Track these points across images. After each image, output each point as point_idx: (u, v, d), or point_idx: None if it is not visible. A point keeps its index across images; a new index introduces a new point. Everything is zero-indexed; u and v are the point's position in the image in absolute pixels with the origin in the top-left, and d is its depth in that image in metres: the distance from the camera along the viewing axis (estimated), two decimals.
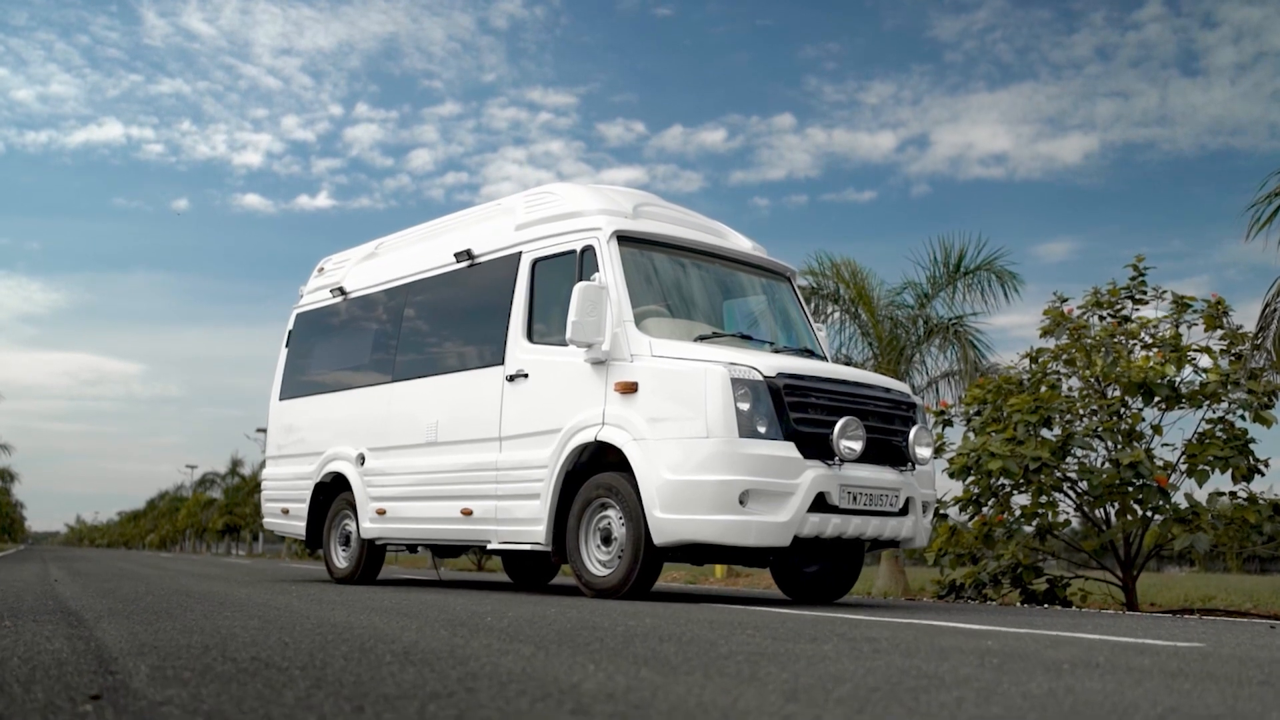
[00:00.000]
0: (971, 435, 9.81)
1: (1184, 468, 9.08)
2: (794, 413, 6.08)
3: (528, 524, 6.83)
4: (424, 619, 4.54)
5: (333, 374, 9.22)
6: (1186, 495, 8.91)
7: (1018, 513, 9.44)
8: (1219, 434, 8.97)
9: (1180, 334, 9.40)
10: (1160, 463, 9.09)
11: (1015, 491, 9.55)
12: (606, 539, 6.48)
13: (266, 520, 9.78)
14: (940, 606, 7.45)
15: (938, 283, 13.75)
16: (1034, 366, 9.90)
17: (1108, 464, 9.20)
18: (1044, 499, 9.31)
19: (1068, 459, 9.22)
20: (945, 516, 9.79)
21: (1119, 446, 9.15)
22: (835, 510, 6.11)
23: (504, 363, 7.23)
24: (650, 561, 6.20)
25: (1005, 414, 9.40)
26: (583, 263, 6.89)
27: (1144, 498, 8.70)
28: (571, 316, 6.40)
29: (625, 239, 6.89)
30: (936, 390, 13.99)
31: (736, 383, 5.95)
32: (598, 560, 6.51)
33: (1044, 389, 9.55)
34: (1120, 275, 9.82)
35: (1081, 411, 9.47)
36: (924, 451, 6.67)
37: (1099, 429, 9.17)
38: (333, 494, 8.88)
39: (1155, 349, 9.34)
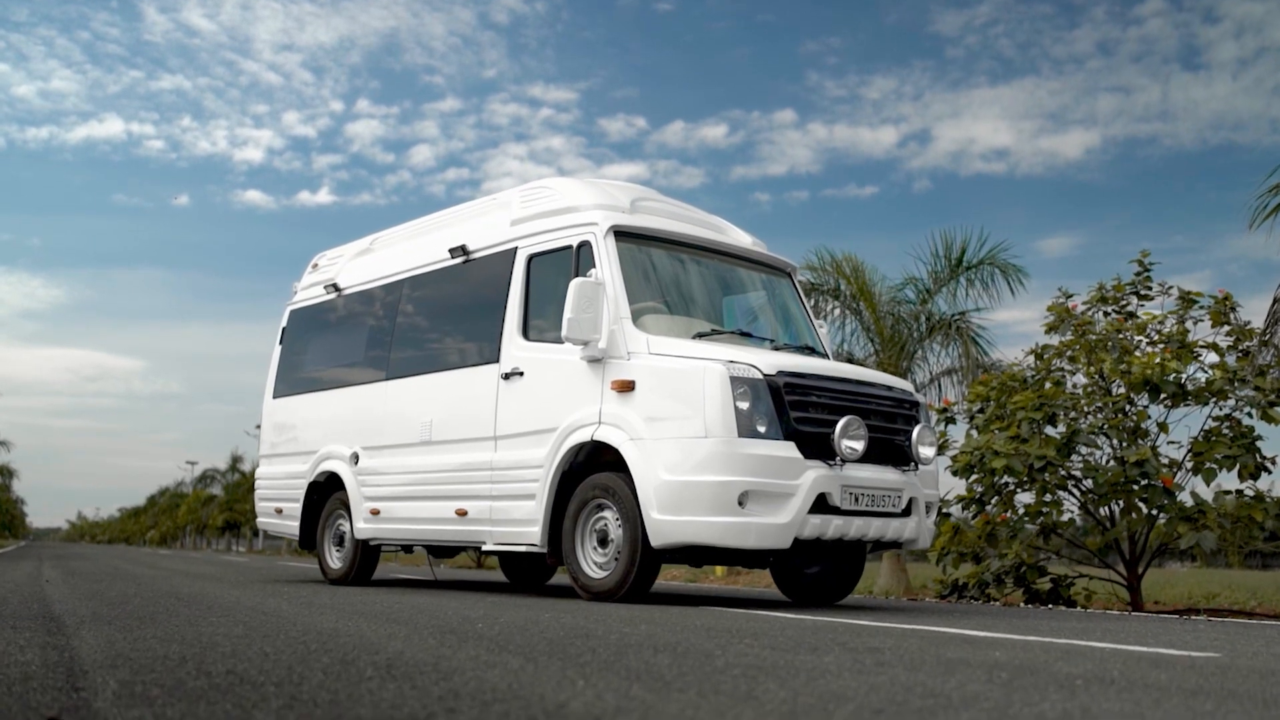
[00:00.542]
0: (974, 433, 9.68)
1: (1190, 465, 8.95)
2: (794, 412, 5.95)
3: (523, 525, 6.70)
4: (413, 625, 4.41)
5: (327, 371, 9.09)
6: (1193, 494, 8.78)
7: (1021, 511, 9.32)
8: (1225, 431, 8.84)
9: (1187, 330, 9.27)
10: (1165, 460, 8.97)
11: (1019, 490, 9.42)
12: (603, 540, 6.35)
13: (260, 520, 9.66)
14: (943, 608, 7.33)
15: (940, 278, 13.61)
16: (1038, 363, 9.77)
17: (1113, 462, 9.08)
18: (1048, 498, 9.18)
19: (1072, 457, 9.09)
20: (948, 515, 9.66)
21: (1124, 444, 9.02)
22: (837, 511, 5.97)
23: (499, 360, 7.09)
24: (647, 564, 6.07)
25: (1009, 411, 9.27)
26: (579, 258, 6.76)
27: (1150, 497, 8.57)
28: (567, 313, 6.27)
29: (622, 234, 6.76)
30: (939, 387, 13.85)
31: (736, 381, 5.82)
32: (594, 562, 6.38)
33: (1048, 386, 9.42)
34: (1122, 271, 9.71)
35: (1086, 408, 9.34)
36: (927, 451, 6.54)
37: (1104, 426, 9.04)
38: (327, 493, 8.75)
39: (1162, 345, 9.20)
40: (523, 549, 6.76)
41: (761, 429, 5.83)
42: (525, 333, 7.03)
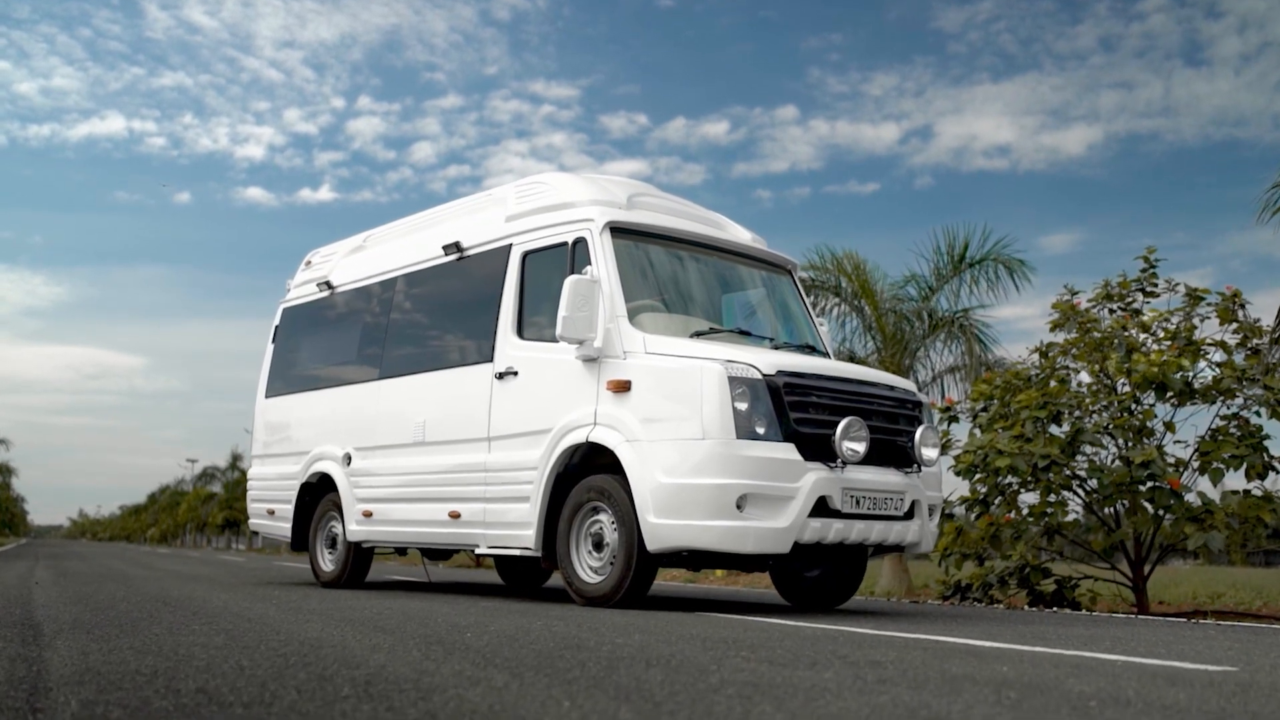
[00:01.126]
0: (978, 432, 9.53)
1: (1196, 465, 8.81)
2: (794, 413, 5.80)
3: (517, 528, 6.56)
4: (400, 635, 4.28)
5: (319, 371, 8.95)
6: (1200, 494, 8.64)
7: (1025, 511, 9.17)
8: (1233, 431, 8.69)
9: (1194, 327, 9.12)
10: (1171, 460, 8.83)
11: (1023, 490, 9.28)
12: (598, 544, 6.20)
13: (252, 522, 9.52)
14: (946, 612, 7.18)
15: (943, 274, 13.46)
16: (1043, 361, 9.63)
17: (1118, 461, 8.94)
18: (1052, 498, 9.04)
19: (1077, 456, 8.95)
20: (951, 516, 9.51)
21: (1130, 444, 8.88)
22: (837, 515, 5.83)
23: (493, 360, 6.95)
24: (643, 568, 5.93)
25: (1013, 410, 9.12)
26: (574, 255, 6.61)
27: (1156, 498, 8.42)
28: (562, 312, 6.13)
29: (619, 230, 6.61)
30: (942, 385, 13.71)
31: (734, 381, 5.68)
32: (589, 567, 6.24)
33: (1053, 384, 9.27)
34: (1124, 266, 9.56)
35: (1092, 407, 9.19)
36: (930, 453, 6.39)
37: (1109, 425, 8.89)
38: (319, 495, 8.61)
39: (1168, 343, 9.06)
40: (516, 553, 6.62)
41: (760, 430, 5.68)
42: (520, 331, 6.88)
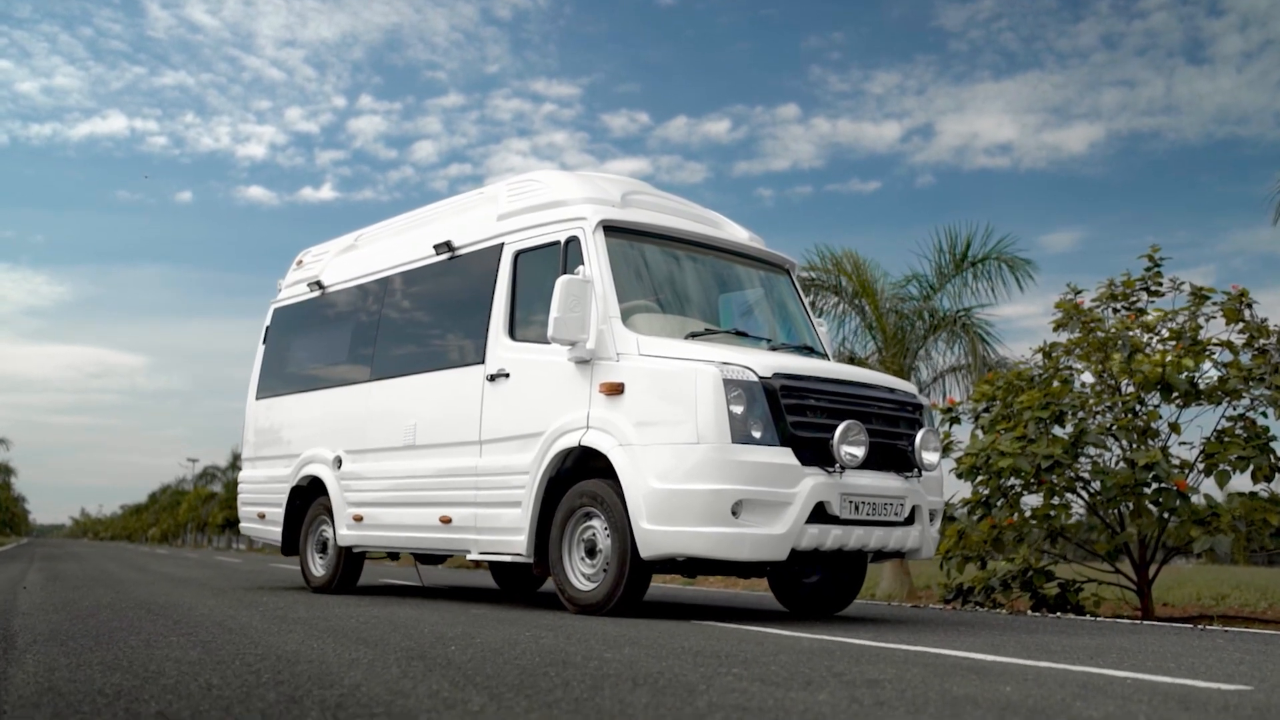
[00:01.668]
0: (980, 433, 9.38)
1: (1201, 466, 8.67)
2: (791, 416, 5.65)
3: (508, 533, 6.41)
4: (381, 648, 4.13)
5: (310, 372, 8.80)
6: (1206, 497, 8.49)
7: (1028, 514, 9.02)
8: (1239, 432, 8.54)
9: (1199, 327, 8.96)
10: (1177, 461, 8.68)
11: (1025, 492, 9.13)
12: (591, 551, 6.05)
13: (243, 525, 9.38)
14: (948, 618, 7.03)
15: (944, 273, 13.28)
16: (1046, 361, 9.48)
17: (1122, 463, 8.79)
18: (1056, 500, 8.89)
19: (1080, 458, 8.80)
20: (953, 518, 9.36)
21: (1134, 445, 8.73)
22: (836, 521, 5.68)
23: (484, 361, 6.80)
24: (637, 576, 5.77)
25: (1015, 410, 8.97)
26: (567, 255, 6.46)
27: (1163, 501, 8.27)
28: (553, 312, 5.97)
29: (612, 229, 6.46)
30: (943, 385, 13.54)
31: (729, 384, 5.52)
32: (582, 574, 6.09)
33: (1056, 384, 9.12)
34: (1126, 264, 9.45)
35: (1096, 408, 9.03)
36: (931, 457, 6.24)
37: (1113, 426, 8.74)
38: (310, 498, 8.46)
39: (1173, 342, 8.90)
40: (508, 559, 6.47)
41: (756, 434, 5.53)
42: (512, 333, 6.73)
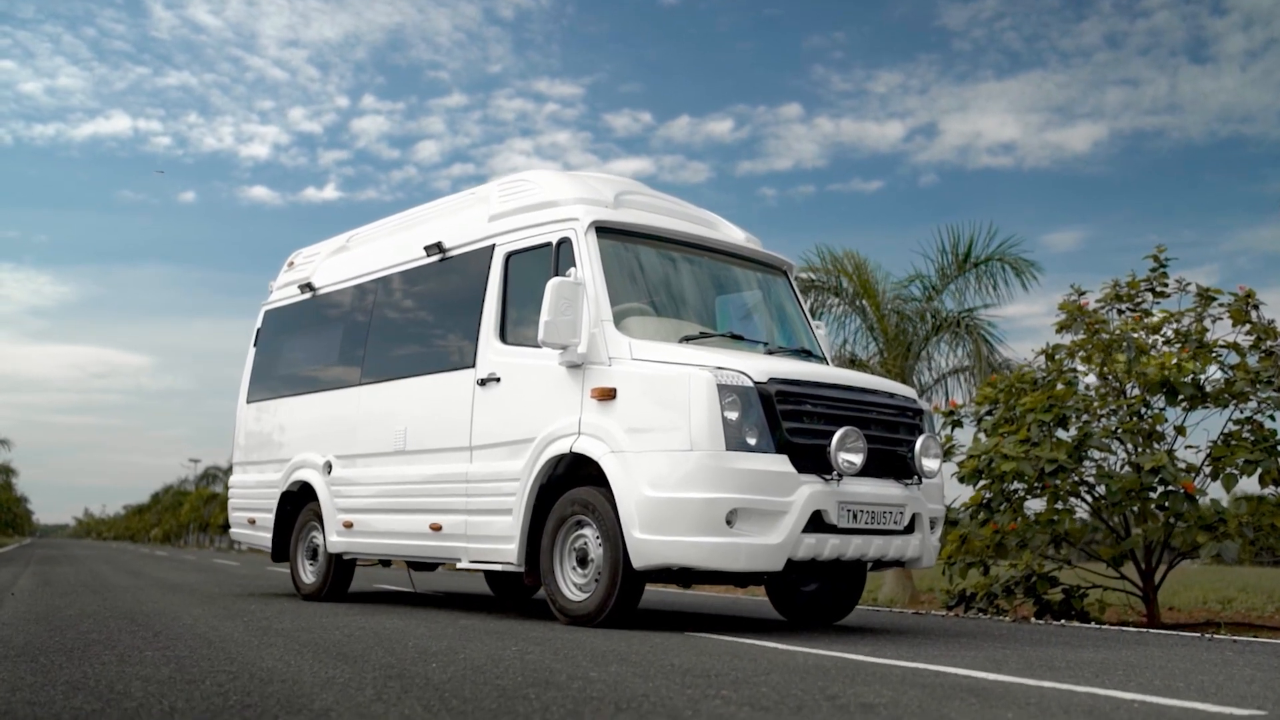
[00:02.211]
0: (983, 436, 9.23)
1: (1208, 470, 8.51)
2: (787, 422, 5.50)
3: (499, 542, 6.26)
4: (360, 665, 3.99)
5: (301, 376, 8.66)
6: (1214, 501, 8.34)
7: (1032, 518, 8.86)
8: (1246, 435, 8.38)
9: (1205, 329, 8.81)
10: (1183, 465, 8.53)
11: (1029, 496, 8.98)
12: (583, 560, 5.90)
13: (233, 531, 9.24)
14: (949, 628, 6.88)
15: (947, 274, 13.13)
16: (1049, 364, 9.32)
17: (1127, 467, 8.63)
18: (1059, 505, 8.73)
19: (1085, 462, 8.64)
20: (955, 523, 9.21)
21: (1139, 449, 8.57)
22: (833, 530, 5.52)
23: (475, 365, 6.65)
24: (629, 586, 5.62)
25: (1018, 414, 8.81)
26: (559, 256, 6.31)
27: (1170, 504, 8.11)
28: (544, 315, 5.83)
29: (605, 230, 6.31)
30: (946, 387, 13.39)
31: (724, 389, 5.37)
32: (573, 584, 5.93)
33: (1060, 387, 8.96)
34: (1130, 264, 9.37)
35: (1100, 411, 8.88)
36: (931, 464, 6.08)
37: (1118, 430, 8.58)
38: (300, 504, 8.32)
39: (1179, 344, 8.75)
40: (498, 568, 6.32)
41: (751, 441, 5.38)
42: (503, 336, 6.59)
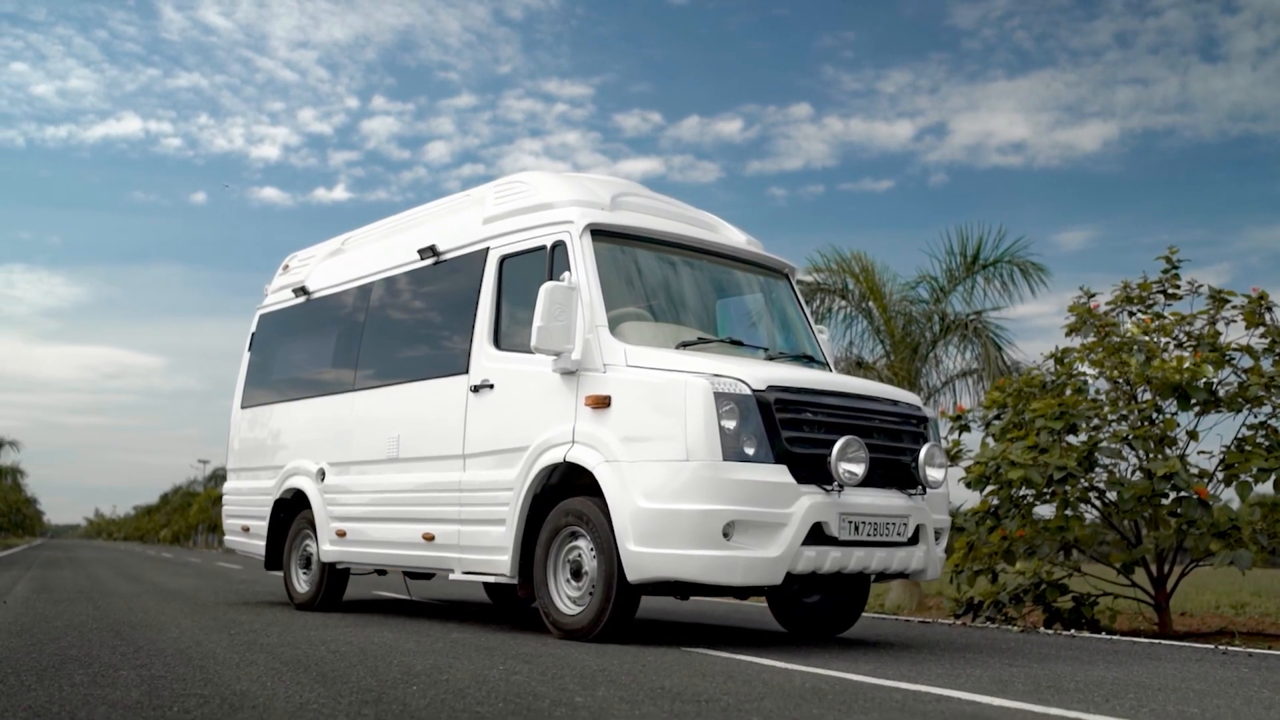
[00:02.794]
0: (990, 441, 9.04)
1: (1221, 476, 8.32)
2: (787, 431, 5.33)
3: (492, 553, 6.10)
4: (338, 686, 3.83)
5: (294, 381, 8.51)
6: (1226, 506, 8.15)
7: (1040, 525, 8.67)
8: (1261, 440, 8.18)
9: (1218, 332, 8.60)
10: (1195, 470, 8.33)
11: (1038, 501, 8.79)
12: (577, 573, 5.73)
13: (228, 538, 9.11)
14: (956, 640, 6.70)
15: (955, 276, 12.94)
16: (1058, 368, 9.13)
17: (1139, 473, 8.44)
18: (1069, 512, 8.54)
19: (1095, 468, 8.44)
20: (962, 530, 9.03)
21: (1150, 455, 8.37)
22: (834, 542, 5.34)
23: (468, 371, 6.49)
24: (624, 600, 5.45)
25: (1027, 419, 8.63)
26: (553, 260, 6.15)
27: (1183, 510, 7.91)
28: (537, 321, 5.66)
29: (600, 233, 6.14)
30: (954, 390, 13.19)
31: (720, 397, 5.20)
32: (567, 597, 5.77)
33: (1069, 392, 8.77)
34: (1140, 263, 9.12)
35: (1110, 416, 8.68)
36: (936, 473, 5.89)
37: (1129, 435, 8.38)
38: (294, 511, 8.17)
39: (1192, 348, 8.55)
40: (491, 579, 6.16)
41: (749, 451, 5.21)
42: (496, 341, 6.42)
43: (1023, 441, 8.40)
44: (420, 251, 7.20)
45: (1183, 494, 8.00)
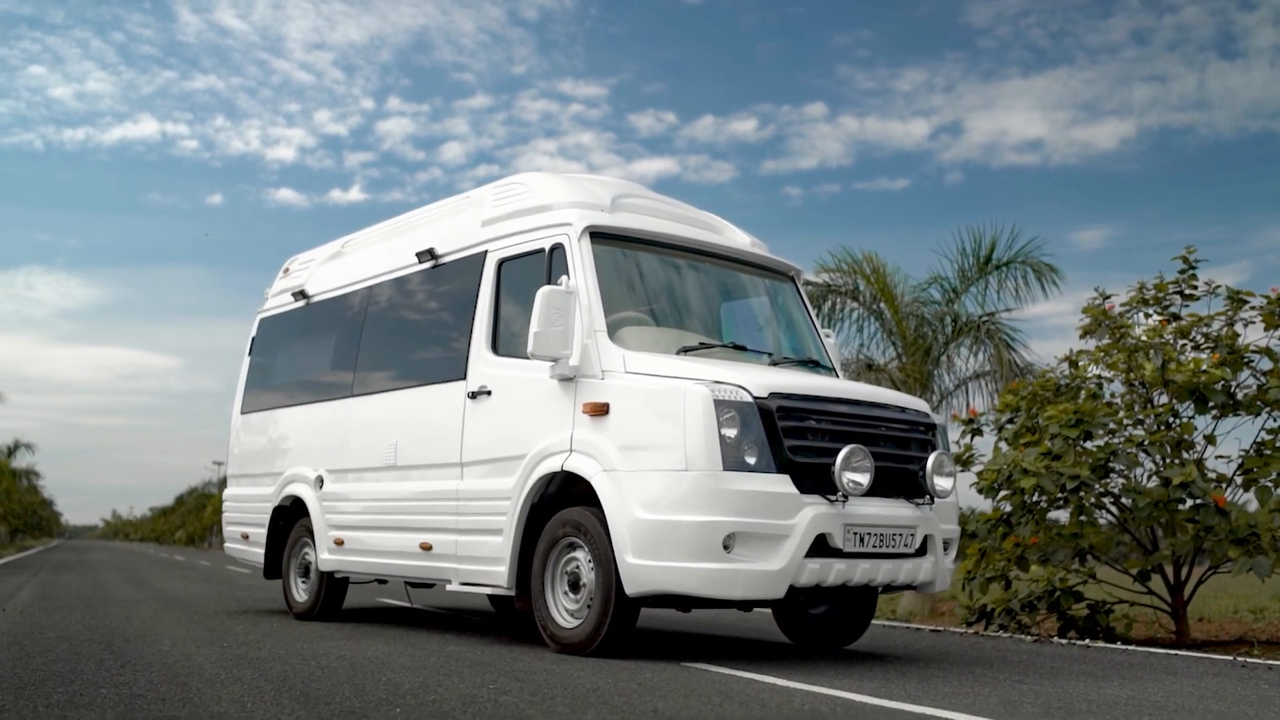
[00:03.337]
0: (1003, 446, 8.85)
1: (1240, 481, 8.11)
2: (789, 440, 5.16)
3: (489, 563, 5.95)
4: (320, 707, 3.70)
5: (293, 386, 8.38)
6: (1245, 511, 7.94)
7: (1054, 531, 8.48)
8: None
9: (1237, 334, 8.40)
10: (1213, 475, 8.13)
11: (1051, 507, 8.59)
12: (575, 585, 5.58)
13: (227, 546, 8.99)
14: (967, 652, 6.53)
15: (967, 277, 12.73)
16: (1073, 371, 8.94)
17: (1155, 479, 8.24)
18: (1083, 519, 8.35)
19: (1110, 474, 8.25)
20: (974, 536, 8.84)
21: (1167, 461, 8.17)
22: (839, 554, 5.18)
23: (466, 377, 6.35)
24: (622, 613, 5.29)
25: (1041, 424, 8.43)
26: (552, 263, 6.00)
27: (1200, 517, 7.71)
28: (534, 326, 5.51)
29: (600, 235, 5.99)
30: (966, 392, 12.98)
31: (721, 405, 5.05)
32: (565, 610, 5.61)
33: (1083, 397, 8.57)
34: (1158, 262, 8.91)
35: (1126, 420, 8.48)
36: (944, 483, 5.71)
37: (1145, 441, 8.18)
38: (293, 519, 8.04)
39: (1209, 350, 8.35)
40: (488, 591, 6.02)
41: (751, 460, 5.05)
42: (494, 347, 6.28)
43: (1036, 448, 8.21)
44: (419, 254, 7.07)
45: (1200, 502, 7.80)
